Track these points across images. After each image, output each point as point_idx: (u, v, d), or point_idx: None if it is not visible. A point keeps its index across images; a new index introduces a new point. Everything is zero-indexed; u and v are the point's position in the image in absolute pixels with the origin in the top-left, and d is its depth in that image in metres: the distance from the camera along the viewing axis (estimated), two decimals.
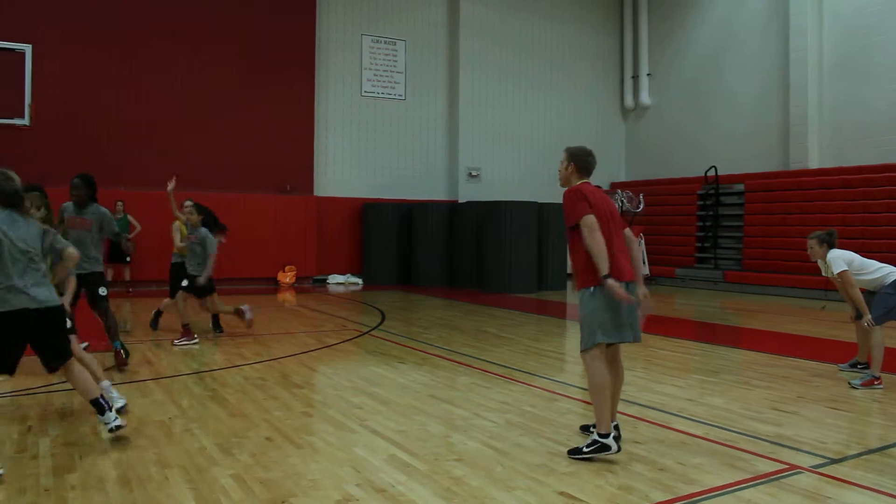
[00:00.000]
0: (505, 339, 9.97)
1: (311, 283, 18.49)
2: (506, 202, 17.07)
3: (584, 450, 4.79)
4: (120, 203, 15.45)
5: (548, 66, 21.76)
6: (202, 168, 17.20)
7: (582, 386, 6.96)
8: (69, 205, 7.81)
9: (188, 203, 9.42)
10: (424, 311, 13.51)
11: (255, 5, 18.12)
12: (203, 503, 4.00)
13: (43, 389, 6.69)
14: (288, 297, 15.98)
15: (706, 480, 4.39)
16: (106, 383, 5.86)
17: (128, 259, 15.64)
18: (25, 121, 14.31)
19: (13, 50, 14.31)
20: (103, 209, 7.88)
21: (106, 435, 5.18)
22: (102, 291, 7.63)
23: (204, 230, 9.41)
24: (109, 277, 15.48)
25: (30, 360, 7.54)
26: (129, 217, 15.54)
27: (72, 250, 5.23)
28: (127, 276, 15.85)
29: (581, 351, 4.91)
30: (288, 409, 6.07)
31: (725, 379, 7.43)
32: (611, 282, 4.66)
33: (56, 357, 5.04)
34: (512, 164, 20.99)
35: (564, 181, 5.10)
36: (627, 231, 5.13)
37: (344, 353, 8.97)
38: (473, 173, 20.48)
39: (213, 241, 9.39)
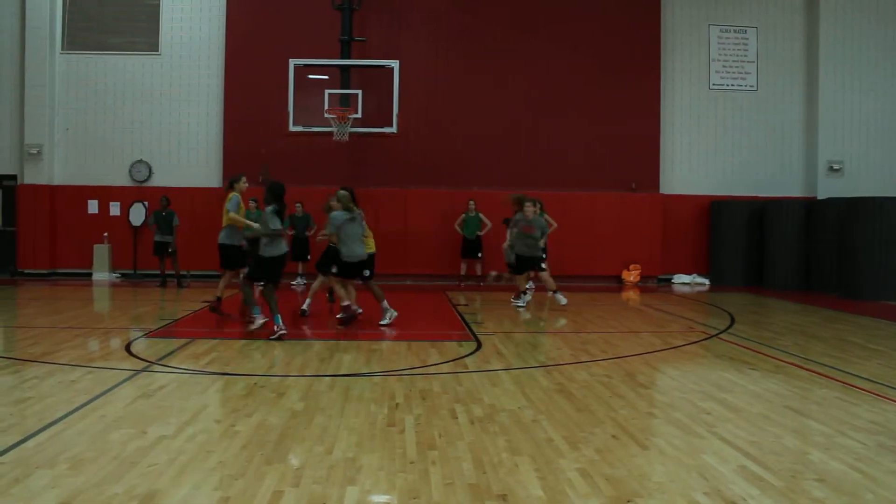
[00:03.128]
0: (874, 352, 8.97)
1: (655, 283, 18.23)
2: (875, 199, 15.31)
3: None
4: (472, 202, 16.53)
5: None
6: (549, 167, 17.87)
7: None
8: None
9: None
10: (777, 315, 12.64)
11: (600, 5, 18.31)
12: (550, 493, 4.14)
13: (407, 372, 7.39)
14: (632, 295, 15.92)
15: None
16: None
17: (479, 255, 16.63)
18: (394, 129, 15.88)
19: (384, 66, 15.99)
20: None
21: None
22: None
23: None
24: (463, 272, 16.71)
25: (398, 346, 8.36)
26: (481, 215, 16.54)
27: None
28: (478, 271, 16.85)
29: None
30: (633, 409, 6.06)
31: None
32: None
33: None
34: (882, 156, 18.76)
35: None
36: None
37: (690, 355, 8.73)
38: (835, 167, 18.68)
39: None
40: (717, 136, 18.85)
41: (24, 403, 5.98)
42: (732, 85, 18.95)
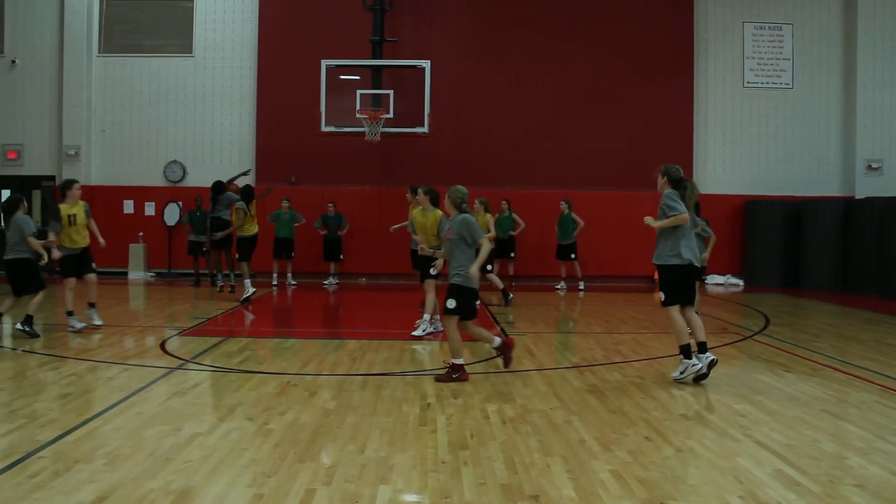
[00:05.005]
0: None
1: None
2: None
3: None
4: (505, 202, 16.47)
5: None
6: (581, 166, 17.80)
7: None
8: None
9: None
10: (814, 317, 12.47)
11: (633, 3, 18.20)
12: (582, 494, 4.12)
13: (440, 371, 7.38)
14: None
15: None
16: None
17: (512, 255, 16.52)
18: (425, 129, 15.90)
19: (415, 66, 16.02)
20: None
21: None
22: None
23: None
24: (495, 271, 16.61)
25: (430, 345, 8.32)
26: (514, 215, 16.46)
27: None
28: (510, 271, 16.72)
29: None
30: (666, 411, 6.00)
31: None
32: None
33: None
34: None
35: None
36: None
37: (725, 356, 8.61)
38: (874, 166, 18.37)
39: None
40: (752, 134, 18.63)
41: (63, 399, 6.09)
42: (767, 83, 18.72)
